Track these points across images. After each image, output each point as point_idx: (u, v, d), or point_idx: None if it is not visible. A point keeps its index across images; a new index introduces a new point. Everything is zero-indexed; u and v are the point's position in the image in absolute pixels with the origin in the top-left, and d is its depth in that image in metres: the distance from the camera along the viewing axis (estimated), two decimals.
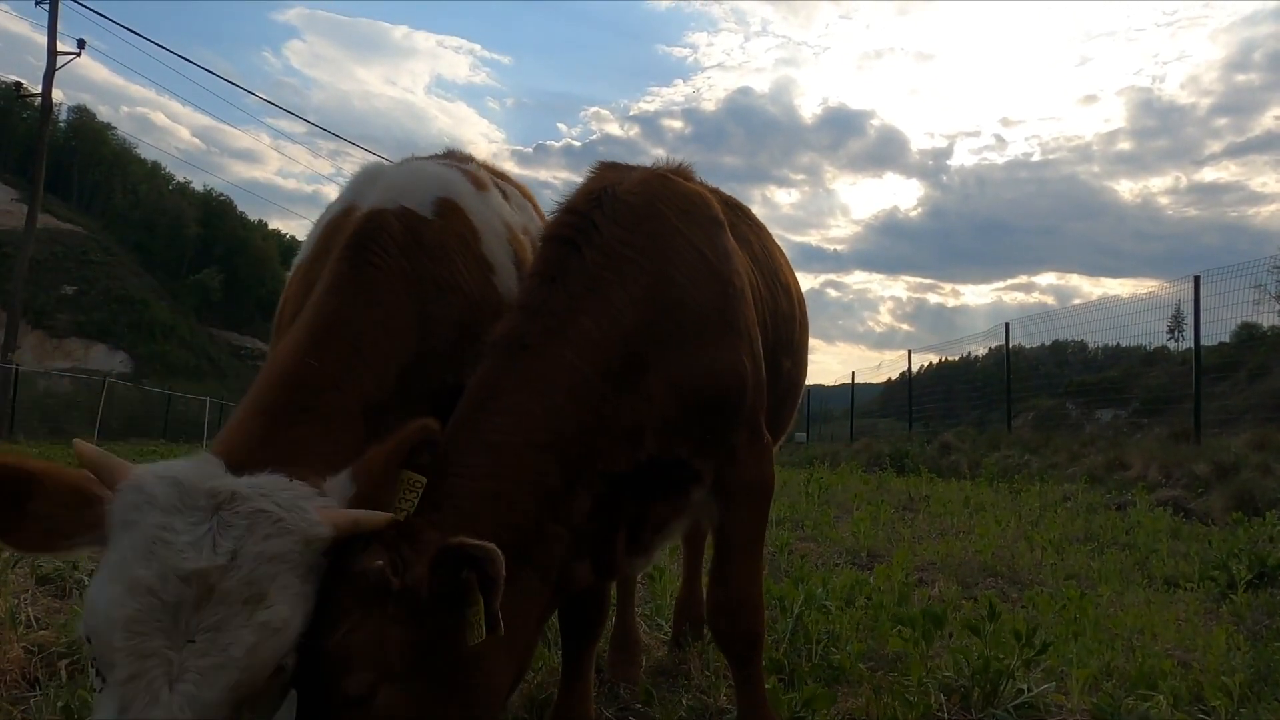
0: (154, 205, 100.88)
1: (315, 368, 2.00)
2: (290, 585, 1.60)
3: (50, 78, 27.15)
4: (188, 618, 1.49)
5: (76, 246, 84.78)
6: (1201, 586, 5.49)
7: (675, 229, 2.39)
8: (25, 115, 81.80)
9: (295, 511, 1.64)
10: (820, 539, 7.19)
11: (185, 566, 1.50)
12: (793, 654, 3.46)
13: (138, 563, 1.51)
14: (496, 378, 2.10)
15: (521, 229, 2.83)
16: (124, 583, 1.50)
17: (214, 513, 1.57)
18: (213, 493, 1.59)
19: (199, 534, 1.54)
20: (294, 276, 2.55)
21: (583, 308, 2.16)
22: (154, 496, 1.57)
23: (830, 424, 36.13)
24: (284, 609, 1.57)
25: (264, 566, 1.56)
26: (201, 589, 1.50)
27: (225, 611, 1.51)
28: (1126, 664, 3.56)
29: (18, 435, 23.99)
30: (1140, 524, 8.22)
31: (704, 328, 2.33)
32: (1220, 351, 16.93)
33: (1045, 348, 25.65)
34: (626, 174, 2.54)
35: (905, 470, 16.29)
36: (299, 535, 1.62)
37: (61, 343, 75.74)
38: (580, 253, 2.24)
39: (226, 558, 1.53)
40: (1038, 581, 5.64)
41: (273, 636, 1.55)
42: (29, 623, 3.33)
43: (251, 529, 1.57)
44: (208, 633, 1.49)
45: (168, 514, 1.55)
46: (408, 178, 2.58)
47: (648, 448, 2.22)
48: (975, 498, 10.78)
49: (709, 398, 2.31)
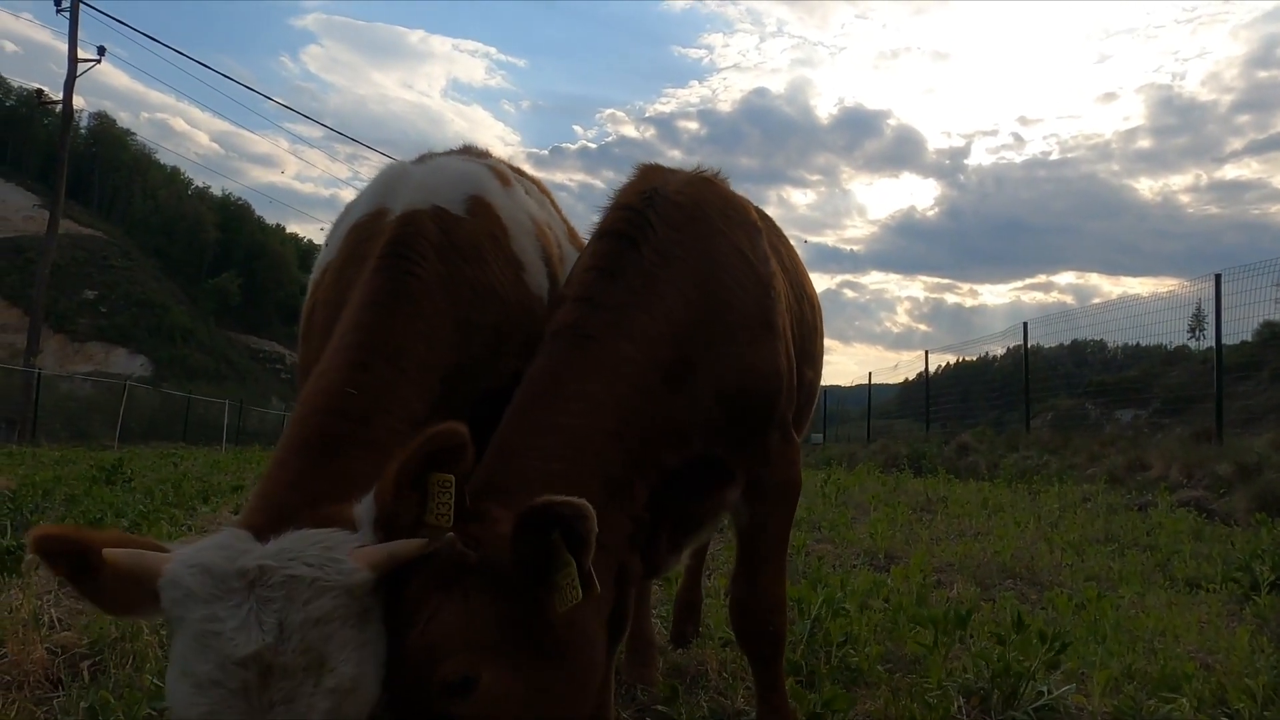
0: (173, 210, 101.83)
1: (356, 396, 1.96)
2: (349, 640, 1.59)
3: (71, 84, 27.44)
4: (258, 698, 1.50)
5: (97, 251, 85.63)
6: (1224, 588, 5.43)
7: (720, 231, 2.45)
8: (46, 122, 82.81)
9: (328, 566, 1.61)
10: (837, 540, 7.16)
11: (238, 653, 1.50)
12: (811, 656, 3.44)
13: (195, 658, 1.53)
14: (560, 366, 2.12)
15: (545, 224, 2.81)
16: (190, 680, 1.52)
17: (250, 591, 1.56)
18: (242, 572, 1.57)
19: (242, 616, 1.53)
20: (322, 279, 2.51)
21: (639, 303, 2.21)
22: (190, 590, 1.57)
23: (847, 425, 36.00)
24: (348, 667, 1.57)
25: (313, 631, 1.55)
26: (260, 669, 1.50)
27: (289, 685, 1.51)
28: (1148, 666, 3.52)
29: (40, 439, 24.24)
30: (1162, 525, 8.14)
31: (747, 327, 2.37)
32: (1242, 350, 16.74)
33: (1064, 347, 25.45)
34: (671, 175, 2.59)
35: (923, 471, 16.21)
36: (338, 589, 1.59)
37: (83, 347, 76.52)
38: (637, 249, 2.29)
39: (274, 633, 1.52)
40: (1057, 583, 5.59)
41: (345, 697, 1.55)
42: (52, 624, 3.36)
43: (290, 598, 1.56)
44: (282, 708, 1.50)
45: (208, 604, 1.55)
46: (437, 176, 2.53)
47: (693, 444, 2.26)
48: (994, 499, 10.70)
49: (750, 396, 2.35)
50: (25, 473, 10.61)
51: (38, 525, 1.62)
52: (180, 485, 9.74)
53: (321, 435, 1.90)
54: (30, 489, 7.91)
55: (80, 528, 1.64)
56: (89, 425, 32.06)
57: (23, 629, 3.09)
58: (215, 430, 38.96)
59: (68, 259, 74.92)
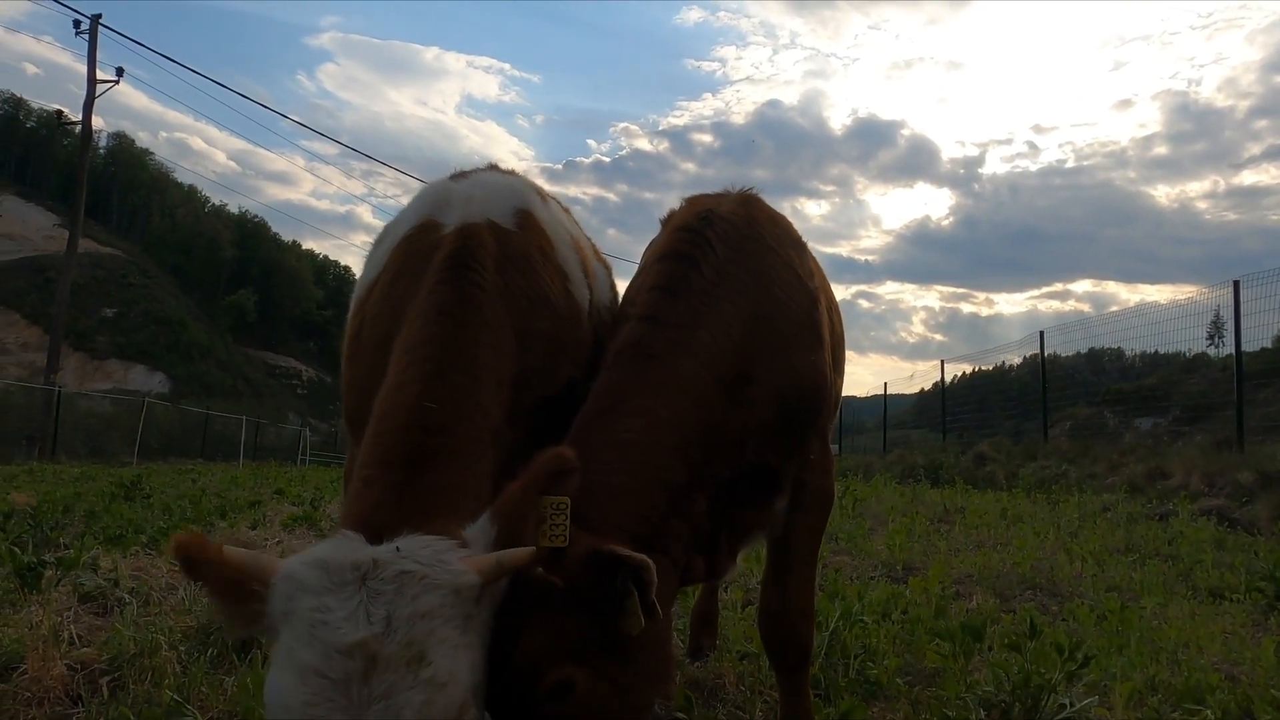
0: (191, 228, 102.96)
1: (435, 409, 1.98)
2: (448, 639, 1.61)
3: (90, 105, 27.78)
4: (359, 691, 1.51)
5: (116, 270, 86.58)
6: (1248, 598, 5.36)
7: (771, 249, 2.57)
8: (66, 142, 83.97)
9: (438, 566, 1.65)
10: (855, 552, 7.12)
11: (344, 641, 1.52)
12: (829, 669, 3.42)
13: (301, 648, 1.54)
14: (625, 384, 2.24)
15: (578, 239, 2.86)
16: (293, 669, 1.54)
17: (362, 584, 1.59)
18: (356, 565, 1.62)
19: (351, 607, 1.56)
20: (368, 297, 2.50)
21: (700, 321, 2.32)
22: (304, 582, 1.60)
23: (863, 435, 35.83)
24: (446, 663, 1.58)
25: (419, 625, 1.57)
26: (365, 660, 1.52)
27: (392, 677, 1.52)
28: (1172, 678, 3.48)
29: (60, 456, 24.44)
30: (1183, 534, 8.05)
31: (798, 338, 2.49)
32: (1262, 357, 16.57)
33: (1081, 356, 25.25)
34: (722, 198, 2.75)
35: (940, 481, 16.11)
36: (447, 588, 1.63)
37: (102, 364, 77.33)
38: (699, 268, 2.41)
39: (381, 625, 1.55)
40: (1078, 594, 5.54)
41: (440, 692, 1.56)
42: (72, 640, 3.38)
43: (400, 591, 1.60)
44: (380, 702, 1.51)
45: (320, 595, 1.58)
46: (485, 190, 2.55)
47: (747, 453, 2.36)
48: (1012, 509, 10.61)
49: (800, 404, 2.46)
50: (46, 489, 10.69)
51: (180, 535, 1.63)
52: (199, 501, 9.78)
53: (407, 450, 1.91)
54: (50, 506, 7.97)
55: (199, 542, 1.65)
56: (108, 442, 32.29)
57: (43, 645, 3.10)
58: (232, 446, 39.18)
59: (87, 277, 75.81)
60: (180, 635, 3.48)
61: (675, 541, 2.17)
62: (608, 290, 2.93)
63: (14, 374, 55.96)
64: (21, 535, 6.07)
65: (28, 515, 7.09)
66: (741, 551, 2.65)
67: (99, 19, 27.30)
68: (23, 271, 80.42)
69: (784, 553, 2.56)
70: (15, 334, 75.44)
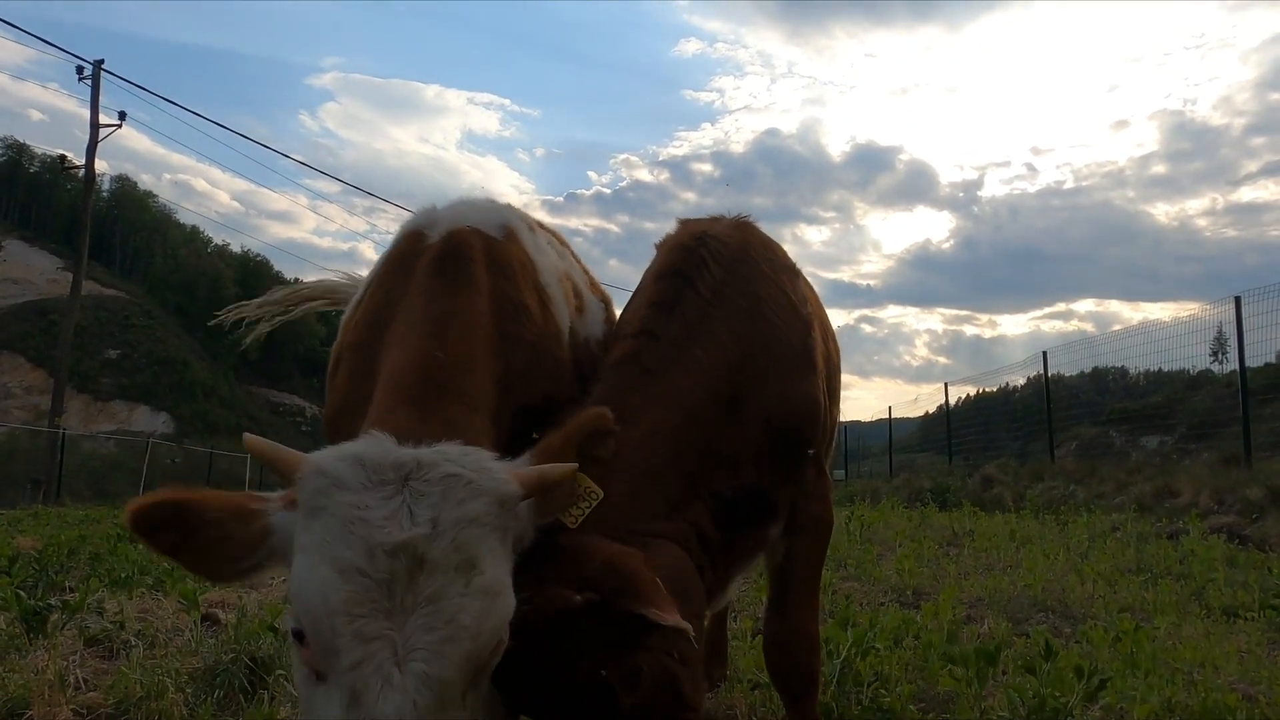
0: (193, 268, 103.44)
1: (442, 359, 2.02)
2: (496, 549, 1.57)
3: (93, 149, 28.04)
4: (403, 594, 1.43)
5: (119, 311, 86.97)
6: (1262, 615, 5.31)
7: (765, 274, 2.60)
8: (70, 187, 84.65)
9: (484, 473, 1.61)
10: (864, 578, 7.07)
11: (390, 540, 1.45)
12: (841, 697, 3.38)
13: (340, 544, 1.46)
14: (621, 395, 2.24)
15: (565, 273, 2.88)
16: (331, 565, 1.45)
17: (404, 484, 1.53)
18: (398, 464, 1.56)
19: (394, 506, 1.50)
20: (354, 314, 2.56)
21: (696, 338, 2.35)
22: (340, 478, 1.53)
23: (868, 460, 35.71)
24: (499, 572, 1.54)
25: (467, 530, 1.52)
26: (411, 561, 1.45)
27: (441, 581, 1.46)
28: (1189, 699, 3.44)
29: (65, 499, 24.38)
30: (1194, 553, 7.99)
31: (791, 362, 2.50)
32: (1266, 373, 16.51)
33: (1085, 375, 25.20)
34: (715, 221, 2.77)
35: (947, 505, 16.01)
36: (493, 496, 1.59)
37: (106, 405, 77.43)
38: (694, 286, 2.44)
39: (428, 526, 1.49)
40: (1091, 615, 5.49)
41: (494, 601, 1.52)
42: (78, 684, 3.36)
43: (446, 495, 1.53)
44: (428, 606, 1.44)
45: (358, 492, 1.51)
46: (471, 205, 2.64)
47: (743, 475, 2.36)
48: (1021, 531, 10.54)
49: (792, 431, 2.46)
50: (50, 533, 10.66)
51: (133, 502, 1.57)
52: None
53: (421, 389, 1.94)
54: (55, 549, 7.94)
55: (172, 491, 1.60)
56: (113, 484, 32.27)
57: (49, 690, 3.09)
58: (238, 484, 39.07)
59: (90, 319, 76.11)
60: (187, 677, 3.45)
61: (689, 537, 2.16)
62: (601, 324, 2.97)
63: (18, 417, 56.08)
64: (27, 579, 6.04)
65: (33, 559, 7.06)
66: (736, 578, 2.61)
67: (101, 64, 27.62)
68: (26, 315, 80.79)
69: (785, 580, 2.56)
70: (19, 378, 75.66)
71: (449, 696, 1.43)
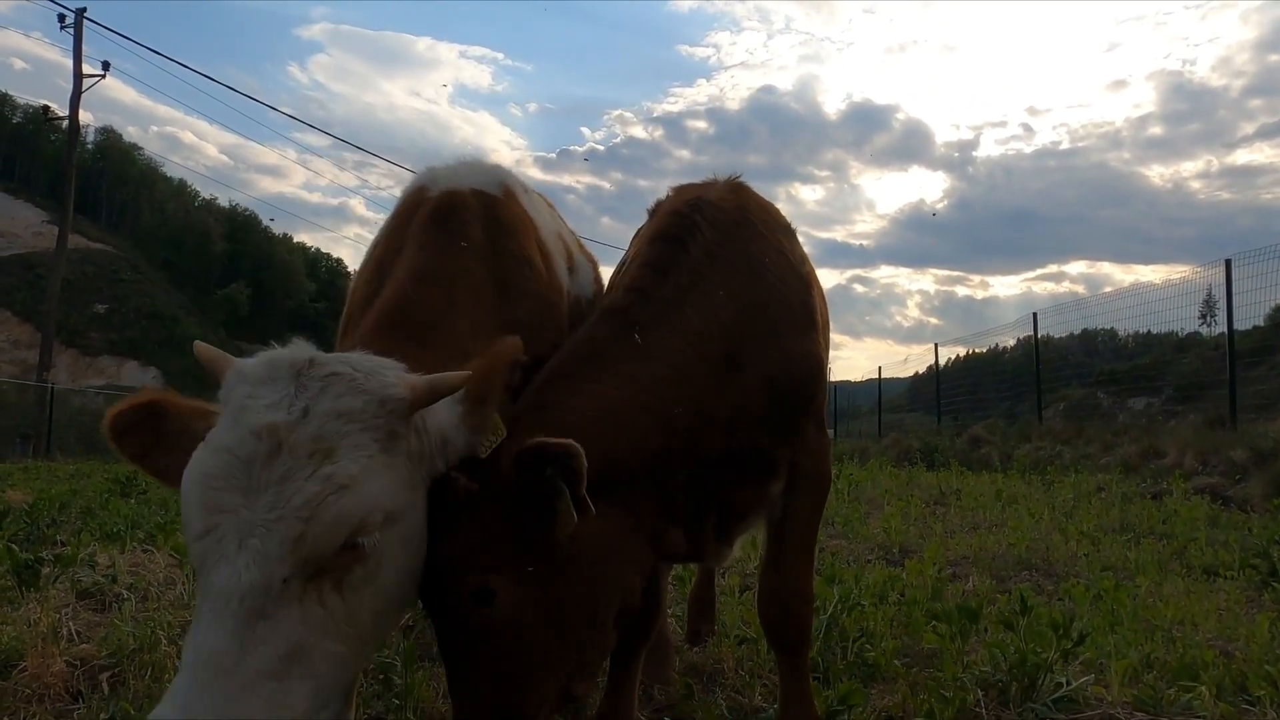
0: (181, 222, 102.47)
1: (414, 300, 2.18)
2: (363, 446, 1.64)
3: (77, 100, 27.58)
4: (260, 473, 1.53)
5: (106, 265, 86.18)
6: (1242, 575, 5.40)
7: (761, 234, 2.60)
8: (54, 138, 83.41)
9: (373, 376, 1.71)
10: (851, 535, 7.15)
11: (256, 422, 1.56)
12: (827, 652, 3.43)
13: (224, 430, 1.61)
14: (604, 346, 2.24)
15: (558, 232, 2.96)
16: (208, 446, 1.60)
17: (295, 379, 1.65)
18: (294, 362, 1.68)
19: (278, 396, 1.62)
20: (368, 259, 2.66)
21: (687, 300, 2.34)
22: (246, 374, 1.68)
23: (858, 420, 35.91)
24: (352, 466, 1.59)
25: (333, 423, 1.61)
26: (272, 444, 1.55)
27: (291, 463, 1.55)
28: (1167, 655, 3.51)
29: (55, 453, 24.36)
30: (1177, 513, 8.10)
31: (790, 321, 2.51)
32: (1254, 336, 16.59)
33: (1074, 337, 25.26)
34: (710, 185, 2.76)
35: (935, 464, 16.15)
36: (373, 396, 1.68)
37: (94, 361, 77.04)
38: (688, 250, 2.43)
39: (299, 415, 1.60)
40: (1074, 573, 5.57)
41: (337, 492, 1.56)
42: (71, 636, 3.38)
43: (326, 389, 1.65)
44: (275, 486, 1.53)
45: (255, 385, 1.65)
46: (471, 166, 2.73)
47: (739, 435, 2.36)
48: (1007, 490, 10.66)
49: (794, 389, 2.47)
50: (41, 487, 10.66)
51: (112, 408, 1.77)
52: None
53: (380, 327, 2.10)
54: (46, 503, 7.95)
55: (146, 392, 1.79)
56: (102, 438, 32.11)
57: (42, 642, 3.10)
58: None
59: (77, 274, 75.42)
60: (179, 629, 3.48)
61: (644, 501, 2.15)
62: (591, 283, 3.04)
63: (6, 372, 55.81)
64: (18, 533, 6.06)
65: (24, 513, 7.07)
66: (739, 536, 2.66)
67: (84, 12, 27.06)
68: (12, 269, 80.00)
69: (781, 536, 2.58)
70: (6, 332, 75.15)
71: (275, 577, 1.50)
